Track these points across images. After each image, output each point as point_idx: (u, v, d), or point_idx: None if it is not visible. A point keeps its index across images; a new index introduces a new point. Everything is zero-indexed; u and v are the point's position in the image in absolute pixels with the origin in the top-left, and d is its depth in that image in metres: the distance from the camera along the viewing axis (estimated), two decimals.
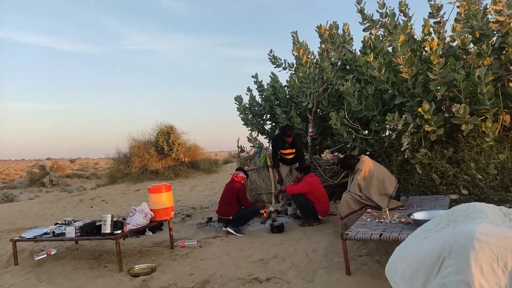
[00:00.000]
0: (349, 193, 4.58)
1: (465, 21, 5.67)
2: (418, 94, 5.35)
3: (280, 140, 6.19)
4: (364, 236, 3.34)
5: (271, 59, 9.27)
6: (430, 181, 5.36)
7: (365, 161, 4.63)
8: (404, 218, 3.71)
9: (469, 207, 2.07)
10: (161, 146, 17.37)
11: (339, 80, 6.69)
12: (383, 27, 6.95)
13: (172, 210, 4.90)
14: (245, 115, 9.00)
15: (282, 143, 6.20)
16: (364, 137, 6.29)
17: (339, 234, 4.77)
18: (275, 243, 4.75)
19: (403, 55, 5.09)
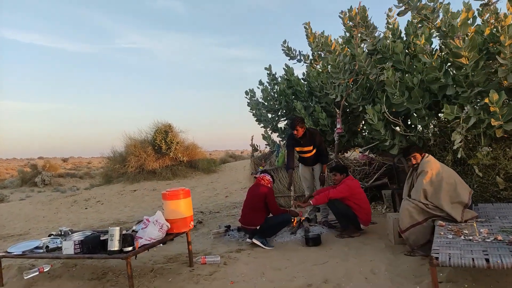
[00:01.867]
0: (411, 201, 3.77)
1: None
2: (478, 83, 4.57)
3: (294, 135, 5.28)
4: (463, 261, 2.53)
5: (285, 50, 8.47)
6: (492, 185, 4.59)
7: (431, 161, 3.83)
8: (501, 236, 2.91)
9: None
10: (159, 145, 16.51)
11: (373, 69, 5.89)
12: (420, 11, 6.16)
13: (191, 220, 4.04)
14: (257, 110, 8.17)
15: (297, 140, 5.30)
16: (404, 133, 5.50)
17: (395, 250, 4.00)
18: (317, 261, 3.92)
19: (465, 36, 4.30)
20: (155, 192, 13.75)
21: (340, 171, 4.91)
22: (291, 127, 5.16)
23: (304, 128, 5.13)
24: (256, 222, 4.63)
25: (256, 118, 8.18)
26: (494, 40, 4.75)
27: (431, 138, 5.30)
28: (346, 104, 6.32)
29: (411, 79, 5.15)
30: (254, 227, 4.64)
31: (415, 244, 3.76)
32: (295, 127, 5.09)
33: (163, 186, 14.80)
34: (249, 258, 4.26)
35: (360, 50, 5.81)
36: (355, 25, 6.19)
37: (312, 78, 6.85)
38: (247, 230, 4.75)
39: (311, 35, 7.73)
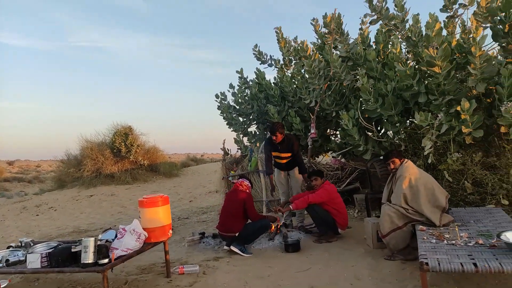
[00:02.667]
0: (391, 206, 3.83)
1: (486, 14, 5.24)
2: (449, 92, 4.78)
3: (272, 141, 5.26)
4: (453, 266, 2.57)
5: (256, 54, 8.43)
6: (461, 190, 4.80)
7: (410, 167, 3.92)
8: (481, 239, 3.02)
9: None
10: (118, 147, 15.84)
11: (347, 75, 5.99)
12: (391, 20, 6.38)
13: (170, 228, 3.82)
14: (228, 114, 8.03)
15: (275, 145, 5.28)
16: (377, 139, 5.63)
17: (375, 255, 4.04)
18: (300, 268, 3.86)
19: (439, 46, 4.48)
20: (113, 197, 13.11)
21: (320, 175, 4.91)
22: (271, 133, 5.09)
23: (283, 134, 5.09)
24: (235, 229, 4.49)
25: (227, 122, 8.04)
26: (461, 50, 5.00)
27: (402, 144, 5.46)
28: (319, 109, 6.37)
29: (384, 86, 5.29)
30: (232, 234, 4.50)
31: (395, 248, 3.83)
32: (275, 132, 5.03)
33: (122, 191, 14.17)
34: (229, 266, 4.11)
35: (336, 56, 5.89)
36: (329, 32, 6.27)
37: (285, 83, 6.84)
38: (225, 237, 4.60)
39: (282, 40, 7.75)
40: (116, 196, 13.19)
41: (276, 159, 5.46)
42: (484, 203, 4.61)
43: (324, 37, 6.68)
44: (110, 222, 8.56)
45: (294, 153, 5.27)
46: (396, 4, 6.06)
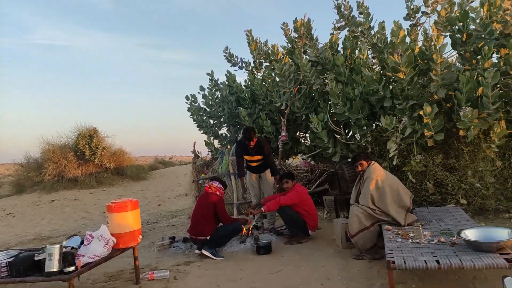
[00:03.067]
0: (359, 207, 3.94)
1: (446, 24, 5.55)
2: (412, 96, 5.01)
3: (244, 144, 5.28)
4: (417, 264, 2.69)
5: (227, 56, 8.44)
6: (423, 190, 5.03)
7: (376, 169, 4.06)
8: (443, 238, 3.18)
9: None
10: (82, 150, 15.25)
11: (317, 79, 6.13)
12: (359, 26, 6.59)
13: (140, 234, 3.73)
14: (199, 116, 7.98)
15: (246, 149, 5.29)
16: (345, 142, 5.79)
17: (344, 255, 4.15)
18: (272, 270, 3.89)
19: (403, 53, 4.68)
20: (77, 202, 12.61)
21: (291, 178, 4.98)
22: (247, 139, 5.08)
23: (256, 138, 5.11)
24: (206, 232, 4.46)
25: (197, 124, 7.98)
26: (423, 57, 5.25)
27: (368, 146, 5.65)
28: (289, 112, 6.46)
29: (352, 90, 5.45)
30: (204, 237, 4.46)
31: (363, 248, 3.94)
32: (251, 138, 5.04)
33: (86, 195, 13.67)
34: (200, 270, 4.07)
35: (305, 60, 6.00)
36: (299, 36, 6.38)
37: (256, 86, 6.89)
38: (196, 241, 4.55)
39: (252, 42, 7.79)
40: (80, 201, 12.70)
41: (247, 162, 5.47)
42: (445, 203, 4.86)
43: (294, 41, 6.80)
44: (74, 228, 8.22)
45: (265, 155, 5.31)
46: (361, 12, 6.28)
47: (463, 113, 4.28)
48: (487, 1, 4.64)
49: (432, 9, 6.02)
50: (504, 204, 4.62)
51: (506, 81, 4.57)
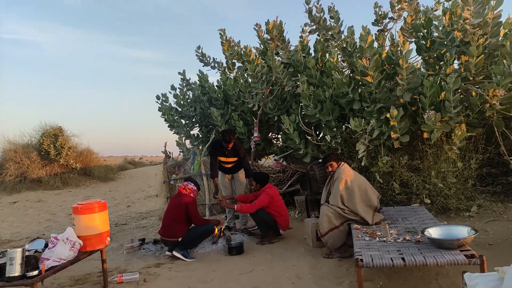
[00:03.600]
0: (330, 206, 4.03)
1: (411, 30, 5.78)
2: (380, 100, 5.18)
3: (220, 146, 5.26)
4: (384, 262, 2.79)
5: (199, 56, 8.39)
6: (390, 190, 5.21)
7: (346, 169, 4.16)
8: (408, 236, 3.31)
9: None
10: (46, 150, 14.66)
11: (289, 81, 6.21)
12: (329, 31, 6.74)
13: (108, 236, 3.64)
14: (170, 116, 7.87)
15: (222, 150, 5.28)
16: (316, 143, 5.90)
17: (315, 253, 4.23)
18: (244, 270, 3.91)
19: (371, 57, 4.83)
20: (41, 204, 12.10)
21: (260, 180, 5.00)
22: (225, 141, 5.06)
23: (233, 141, 5.10)
24: (178, 234, 4.41)
25: (168, 124, 7.86)
26: (390, 62, 5.44)
27: (338, 148, 5.78)
28: (262, 113, 6.51)
29: (322, 93, 5.57)
30: (175, 239, 4.41)
31: (333, 247, 4.04)
32: (230, 140, 5.02)
33: (51, 197, 13.15)
34: (171, 272, 4.02)
35: (278, 62, 6.06)
36: (271, 38, 6.44)
37: (229, 86, 6.88)
38: (167, 242, 4.49)
39: (226, 42, 7.78)
40: (44, 203, 12.19)
41: (221, 163, 5.45)
42: (410, 202, 5.06)
43: (267, 43, 6.85)
44: (37, 231, 7.88)
45: (240, 157, 5.31)
46: (332, 16, 6.43)
47: (426, 116, 4.48)
48: (449, 10, 4.87)
49: (398, 15, 6.26)
50: (465, 203, 4.87)
51: (466, 86, 4.82)
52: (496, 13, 4.67)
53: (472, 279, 2.10)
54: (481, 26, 4.67)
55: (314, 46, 6.58)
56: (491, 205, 4.96)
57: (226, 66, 8.18)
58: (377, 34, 6.58)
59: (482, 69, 4.74)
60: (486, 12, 4.57)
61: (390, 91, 5.50)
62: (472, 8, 4.50)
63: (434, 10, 6.24)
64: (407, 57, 4.72)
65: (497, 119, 4.68)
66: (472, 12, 4.49)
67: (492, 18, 4.67)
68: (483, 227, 4.38)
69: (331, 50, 5.55)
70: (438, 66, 5.17)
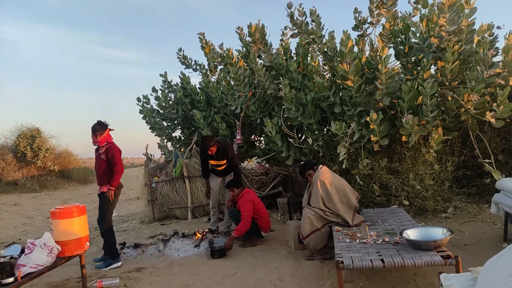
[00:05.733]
0: (311, 209, 4.08)
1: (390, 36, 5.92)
2: (360, 103, 5.28)
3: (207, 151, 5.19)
4: (364, 263, 2.85)
5: (180, 58, 8.35)
6: (370, 192, 5.31)
7: (324, 171, 4.22)
8: (387, 237, 3.39)
9: None
10: (23, 151, 14.26)
11: (271, 84, 6.25)
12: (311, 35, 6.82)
13: (87, 241, 3.58)
14: (151, 118, 7.79)
15: (210, 155, 5.22)
16: (298, 146, 5.96)
17: (297, 256, 4.26)
18: (226, 273, 3.91)
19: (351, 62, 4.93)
20: (17, 207, 11.73)
21: (237, 186, 4.99)
22: (204, 147, 5.05)
23: (216, 146, 5.06)
24: None
25: (150, 126, 7.78)
26: (370, 67, 5.56)
27: (320, 150, 5.86)
28: (244, 115, 6.53)
29: (304, 96, 5.63)
30: None
31: (314, 249, 4.08)
32: (209, 147, 5.00)
33: (27, 200, 12.77)
34: (152, 277, 3.98)
35: (260, 65, 6.10)
36: (253, 41, 6.47)
37: (211, 89, 6.87)
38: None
39: (206, 45, 7.77)
40: (20, 206, 11.82)
41: (213, 167, 5.39)
42: (389, 204, 5.17)
43: (249, 45, 6.87)
44: (13, 236, 7.64)
45: (228, 159, 5.27)
46: (313, 20, 6.52)
47: (405, 120, 4.59)
48: (426, 17, 5.02)
49: (377, 20, 6.39)
50: (441, 204, 5.01)
51: (443, 91, 4.98)
52: (470, 21, 4.84)
53: (448, 279, 2.17)
54: (456, 33, 4.82)
55: (296, 49, 6.66)
56: (466, 206, 5.12)
57: (208, 69, 8.17)
58: (357, 39, 6.69)
59: (457, 74, 4.90)
60: (460, 20, 4.73)
61: (370, 95, 5.61)
62: (447, 15, 4.65)
63: (412, 16, 6.41)
64: (386, 62, 4.84)
65: (472, 123, 4.85)
66: (447, 19, 4.64)
67: (467, 25, 4.84)
68: (459, 228, 4.53)
69: (312, 54, 5.62)
70: (416, 71, 5.31)
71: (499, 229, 4.34)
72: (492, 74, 4.34)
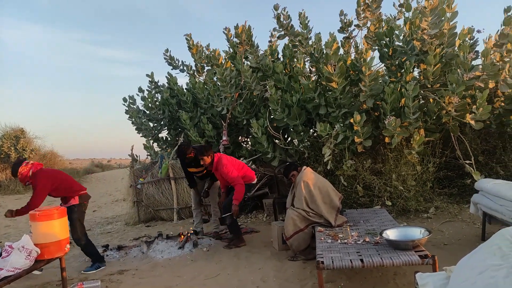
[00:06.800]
0: (295, 210, 4.10)
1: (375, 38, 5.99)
2: (344, 105, 5.33)
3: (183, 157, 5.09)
4: (344, 263, 2.88)
5: (167, 59, 8.33)
6: (354, 193, 5.36)
7: (307, 173, 4.25)
8: (368, 237, 3.43)
9: None
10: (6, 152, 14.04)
11: (257, 85, 6.26)
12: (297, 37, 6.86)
13: (67, 243, 3.53)
14: (137, 118, 7.74)
15: (188, 163, 5.13)
16: (284, 147, 5.99)
17: (280, 256, 4.28)
18: (209, 275, 3.90)
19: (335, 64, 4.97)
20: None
21: (203, 153, 4.79)
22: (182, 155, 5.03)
23: (192, 153, 4.93)
24: None
25: (135, 127, 7.73)
26: (355, 69, 5.62)
27: (305, 152, 5.89)
28: (231, 117, 6.53)
29: (290, 97, 5.66)
30: None
31: (297, 249, 4.11)
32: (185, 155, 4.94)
33: (11, 201, 12.55)
34: (134, 279, 3.95)
35: (246, 66, 6.11)
36: (240, 42, 6.48)
37: (198, 90, 6.86)
38: None
39: (193, 46, 7.76)
40: (3, 208, 11.59)
41: (194, 174, 5.29)
42: (372, 205, 5.23)
43: (236, 46, 6.88)
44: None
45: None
46: (300, 22, 6.55)
47: (387, 122, 4.65)
48: (409, 20, 5.10)
49: (363, 23, 6.46)
50: (423, 205, 5.09)
51: (425, 93, 5.06)
52: (451, 25, 4.93)
53: (423, 278, 2.21)
54: (438, 37, 4.91)
55: (282, 51, 6.68)
56: (447, 207, 5.21)
57: (195, 70, 8.16)
58: (343, 41, 6.76)
59: (439, 77, 4.98)
60: (442, 24, 4.82)
61: (354, 96, 5.67)
62: (429, 19, 4.73)
63: (397, 19, 6.50)
64: (369, 64, 4.90)
65: (453, 125, 4.93)
66: (429, 23, 4.72)
67: (448, 29, 4.93)
68: (439, 228, 4.60)
69: (298, 56, 5.65)
70: (400, 74, 5.39)
71: (477, 228, 4.42)
72: (472, 77, 4.43)
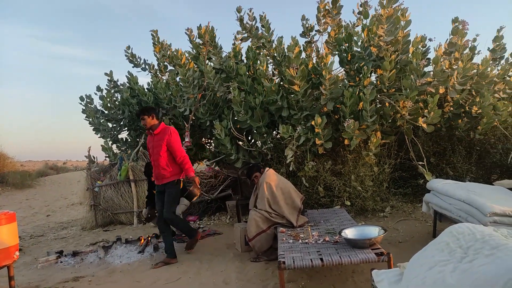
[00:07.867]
0: (257, 211, 4.12)
1: (335, 43, 6.18)
2: (306, 108, 5.44)
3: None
4: (304, 263, 2.93)
5: (128, 57, 8.10)
6: (315, 193, 5.48)
7: (270, 174, 4.29)
8: (328, 237, 3.52)
9: (473, 232, 1.93)
10: None
11: (221, 87, 6.24)
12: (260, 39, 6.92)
13: (16, 250, 3.32)
14: (95, 119, 7.45)
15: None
16: (248, 148, 6.01)
17: (243, 258, 4.29)
18: (170, 279, 3.82)
19: (297, 67, 5.07)
20: None
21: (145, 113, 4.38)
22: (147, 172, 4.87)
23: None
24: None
25: (93, 127, 7.43)
26: (316, 72, 5.76)
27: (268, 153, 5.95)
28: (194, 118, 6.45)
29: (253, 99, 5.70)
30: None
31: (260, 250, 4.13)
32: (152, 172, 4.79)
33: None
34: (91, 286, 3.79)
35: (209, 67, 6.07)
36: (203, 43, 6.43)
37: (160, 90, 6.72)
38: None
39: (158, 44, 7.60)
40: None
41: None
42: (332, 205, 5.38)
43: (199, 47, 6.82)
44: None
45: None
46: (263, 25, 6.62)
47: (346, 125, 4.81)
48: (367, 27, 5.30)
49: (324, 28, 6.64)
50: (380, 204, 5.31)
51: (381, 97, 5.28)
52: (405, 32, 5.19)
53: (378, 275, 2.30)
54: (393, 43, 5.15)
55: (246, 53, 6.71)
56: (402, 206, 5.47)
57: (157, 69, 7.99)
58: (304, 45, 6.91)
59: (394, 82, 5.22)
60: (397, 31, 5.06)
61: (316, 99, 5.81)
62: (385, 26, 4.95)
63: (356, 26, 6.74)
64: (330, 68, 5.04)
65: (407, 128, 5.19)
66: (385, 30, 4.94)
67: (403, 36, 5.19)
68: (395, 226, 4.82)
69: (261, 58, 5.70)
70: (358, 78, 5.59)
71: (429, 226, 4.68)
72: (424, 83, 4.68)
